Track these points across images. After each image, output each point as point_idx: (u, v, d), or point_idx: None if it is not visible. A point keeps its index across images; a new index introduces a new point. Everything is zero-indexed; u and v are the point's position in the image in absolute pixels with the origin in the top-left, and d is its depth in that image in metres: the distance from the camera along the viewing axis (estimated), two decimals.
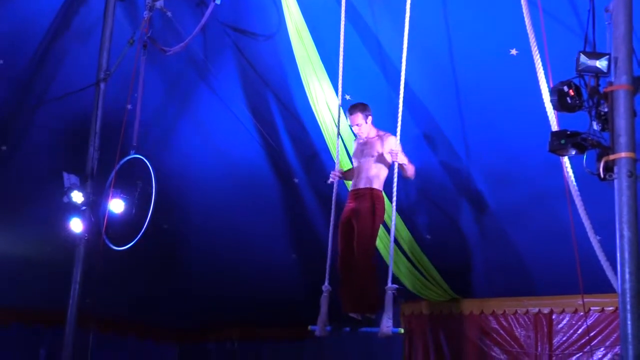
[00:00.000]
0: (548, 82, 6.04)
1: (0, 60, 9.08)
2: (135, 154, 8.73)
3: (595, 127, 5.16)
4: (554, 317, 9.68)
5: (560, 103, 5.27)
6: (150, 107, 9.57)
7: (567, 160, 6.13)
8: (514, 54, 7.61)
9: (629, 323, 4.76)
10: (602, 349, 9.24)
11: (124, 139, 8.89)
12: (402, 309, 10.77)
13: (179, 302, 12.16)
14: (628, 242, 4.85)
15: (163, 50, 8.87)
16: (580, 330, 9.45)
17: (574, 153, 5.27)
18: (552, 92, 5.37)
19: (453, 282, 10.13)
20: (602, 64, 5.12)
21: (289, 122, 9.67)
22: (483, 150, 8.77)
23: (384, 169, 7.45)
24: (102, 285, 9.36)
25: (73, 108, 9.59)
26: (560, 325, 9.65)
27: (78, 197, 8.81)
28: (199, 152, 10.33)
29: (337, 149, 7.82)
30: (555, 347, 9.60)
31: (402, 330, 7.10)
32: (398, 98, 7.27)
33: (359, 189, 7.47)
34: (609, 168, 4.99)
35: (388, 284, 7.00)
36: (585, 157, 5.19)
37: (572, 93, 5.24)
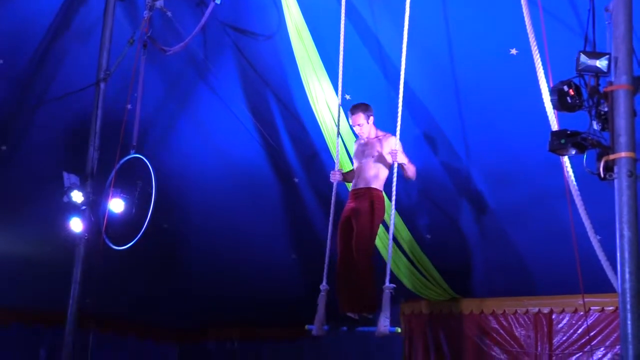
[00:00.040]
0: (548, 81, 6.04)
1: (0, 60, 9.07)
2: (135, 154, 8.73)
3: (595, 126, 5.15)
4: (554, 316, 9.68)
5: (560, 103, 5.27)
6: (150, 106, 9.57)
7: (567, 160, 6.13)
8: (514, 54, 7.61)
9: (629, 323, 4.76)
10: (602, 349, 9.24)
11: (124, 139, 8.88)
12: (402, 309, 10.77)
13: (179, 301, 12.15)
14: (628, 241, 4.85)
15: (163, 50, 8.87)
16: (580, 330, 9.45)
17: (574, 153, 5.27)
18: (552, 91, 5.37)
19: (453, 281, 10.13)
20: (602, 64, 5.12)
21: (289, 121, 9.66)
22: (483, 150, 8.76)
23: (385, 170, 7.45)
24: (102, 285, 9.37)
25: (73, 108, 9.58)
26: (560, 325, 9.64)
27: (78, 196, 8.81)
28: (199, 151, 10.32)
29: (337, 149, 7.83)
30: (555, 346, 9.60)
31: (399, 330, 7.10)
32: (398, 98, 7.28)
33: (359, 189, 7.48)
34: (609, 168, 4.98)
35: (386, 283, 7.01)
36: (585, 156, 5.19)
37: (572, 93, 5.23)
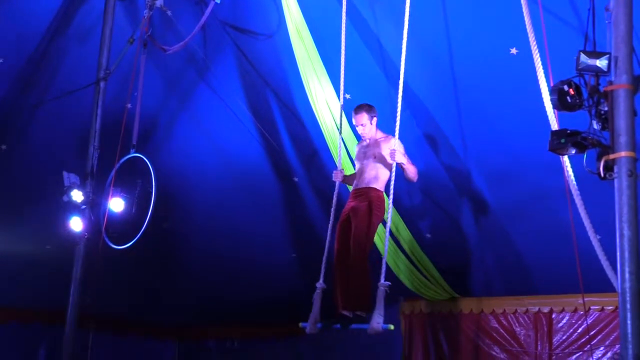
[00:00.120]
0: (548, 81, 6.04)
1: (1, 59, 9.07)
2: (135, 153, 8.73)
3: (596, 126, 5.15)
4: (554, 316, 9.67)
5: (561, 102, 5.27)
6: (151, 105, 9.57)
7: (567, 160, 6.13)
8: (514, 53, 7.60)
9: (629, 322, 4.76)
10: (601, 348, 9.24)
11: (124, 138, 8.88)
12: (402, 308, 10.78)
13: (179, 300, 12.16)
14: (628, 241, 4.85)
15: (163, 49, 8.87)
16: (580, 330, 9.44)
17: (574, 152, 5.27)
18: (552, 91, 5.36)
19: (453, 281, 10.13)
20: (602, 63, 5.11)
21: (289, 121, 9.66)
22: (483, 150, 8.76)
23: (385, 171, 7.45)
24: (102, 284, 9.36)
25: (73, 107, 9.57)
26: (560, 325, 9.64)
27: (78, 196, 8.82)
28: (199, 150, 10.32)
29: (339, 150, 7.85)
30: (555, 346, 9.60)
31: (392, 327, 7.08)
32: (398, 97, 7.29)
33: (360, 189, 7.49)
34: (609, 167, 4.99)
35: (381, 281, 7.01)
36: (586, 156, 5.19)
37: (572, 92, 5.23)
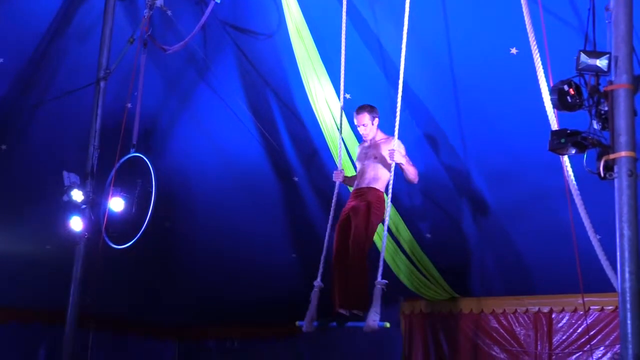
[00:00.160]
0: (548, 81, 6.04)
1: (1, 59, 9.08)
2: (135, 153, 8.73)
3: (596, 126, 5.15)
4: (554, 316, 9.67)
5: (561, 102, 5.27)
6: (151, 105, 9.57)
7: (567, 160, 6.12)
8: (514, 53, 7.60)
9: (629, 322, 4.75)
10: (601, 348, 9.23)
11: (124, 138, 8.89)
12: (402, 308, 10.77)
13: (179, 300, 12.15)
14: (628, 241, 4.85)
15: (163, 49, 8.87)
16: (580, 330, 9.44)
17: (574, 152, 5.26)
18: (552, 91, 5.36)
19: (453, 281, 10.12)
20: (602, 63, 5.11)
21: (289, 120, 9.66)
22: (483, 150, 8.76)
23: (386, 171, 7.45)
24: (102, 284, 9.36)
25: (73, 107, 9.58)
26: (560, 324, 9.64)
27: (78, 195, 8.82)
28: (199, 150, 10.32)
29: (339, 150, 7.85)
30: (555, 346, 9.60)
31: (387, 324, 7.07)
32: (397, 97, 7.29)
33: (360, 189, 7.51)
34: (609, 167, 4.98)
35: (378, 279, 7.01)
36: (586, 156, 5.19)
37: (572, 92, 5.23)
